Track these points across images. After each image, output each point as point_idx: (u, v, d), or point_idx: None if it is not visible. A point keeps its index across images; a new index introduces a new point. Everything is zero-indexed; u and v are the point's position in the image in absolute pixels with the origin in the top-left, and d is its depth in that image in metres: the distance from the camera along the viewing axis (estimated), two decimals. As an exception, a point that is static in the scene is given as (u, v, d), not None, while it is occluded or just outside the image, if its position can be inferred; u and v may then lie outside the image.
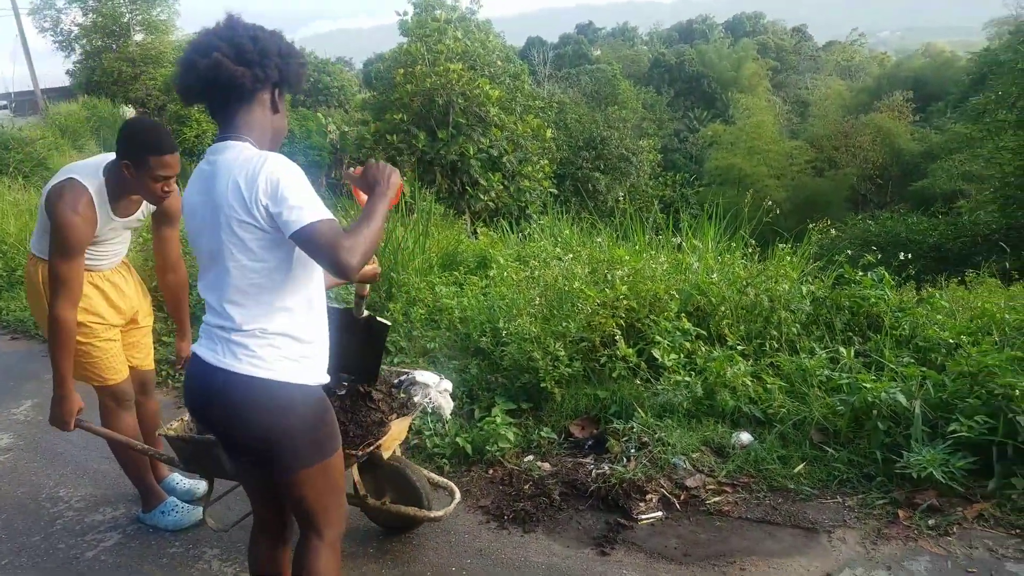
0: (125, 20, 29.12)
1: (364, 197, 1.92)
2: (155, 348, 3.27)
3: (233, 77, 1.73)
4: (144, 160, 2.52)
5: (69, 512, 3.27)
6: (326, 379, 1.92)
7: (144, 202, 2.84)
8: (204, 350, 1.83)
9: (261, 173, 1.67)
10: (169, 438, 2.62)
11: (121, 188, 2.67)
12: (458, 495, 2.84)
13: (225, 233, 1.73)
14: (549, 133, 17.71)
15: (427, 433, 3.70)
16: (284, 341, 1.80)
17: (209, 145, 1.88)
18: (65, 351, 2.58)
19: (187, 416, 2.79)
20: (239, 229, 1.71)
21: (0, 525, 3.20)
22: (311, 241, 1.63)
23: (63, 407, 2.62)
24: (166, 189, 2.63)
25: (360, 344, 2.75)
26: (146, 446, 2.92)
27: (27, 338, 6.26)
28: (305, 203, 1.65)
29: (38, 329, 6.11)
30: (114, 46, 29.03)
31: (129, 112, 25.71)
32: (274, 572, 2.13)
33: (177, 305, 3.16)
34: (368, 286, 2.63)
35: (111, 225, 2.74)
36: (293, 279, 1.80)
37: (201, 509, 3.01)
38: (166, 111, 26.01)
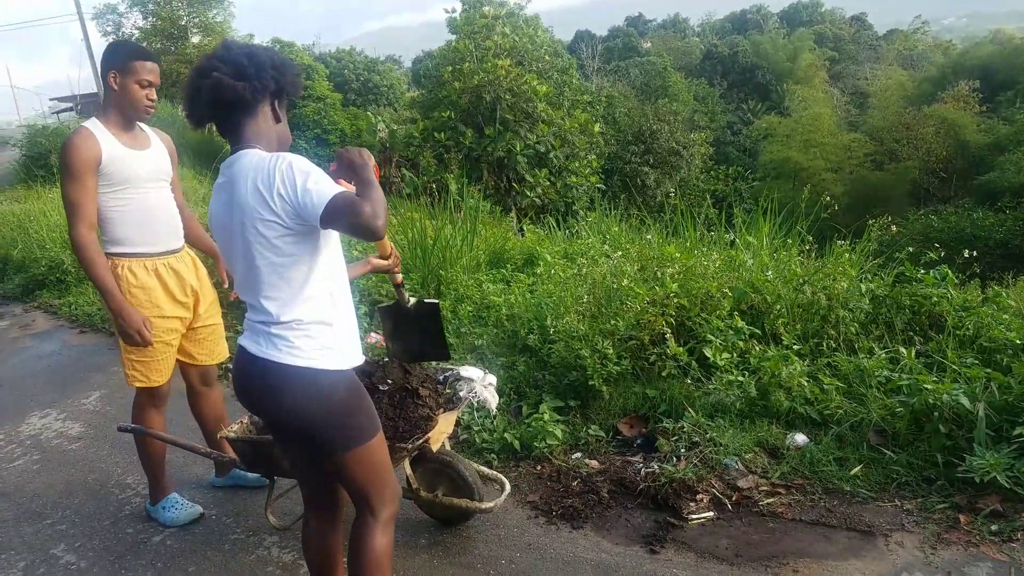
0: (183, 23, 30.00)
1: (349, 186, 2.02)
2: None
3: (234, 91, 1.87)
4: (129, 65, 2.76)
5: (136, 499, 3.41)
6: (358, 361, 2.03)
7: (161, 146, 3.00)
8: (249, 343, 1.97)
9: (276, 171, 1.79)
10: (230, 440, 2.71)
11: (111, 106, 2.82)
12: (508, 487, 2.87)
13: (251, 234, 1.84)
14: (597, 128, 17.60)
15: (476, 428, 3.74)
16: (318, 330, 1.92)
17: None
18: (100, 268, 2.76)
19: (247, 418, 2.89)
20: (263, 228, 1.82)
21: (73, 509, 3.35)
22: (336, 213, 1.73)
23: (128, 319, 2.78)
24: (150, 98, 2.82)
25: (420, 330, 2.88)
26: (210, 450, 3.02)
27: (94, 331, 6.53)
28: (319, 184, 1.77)
29: (104, 323, 6.37)
30: (173, 48, 29.92)
31: (187, 114, 26.47)
32: (326, 555, 2.22)
33: (198, 236, 3.31)
34: (400, 275, 2.72)
35: (126, 157, 2.82)
36: (318, 269, 1.91)
37: (198, 507, 3.21)
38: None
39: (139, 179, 2.86)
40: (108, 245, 2.88)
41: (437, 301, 2.95)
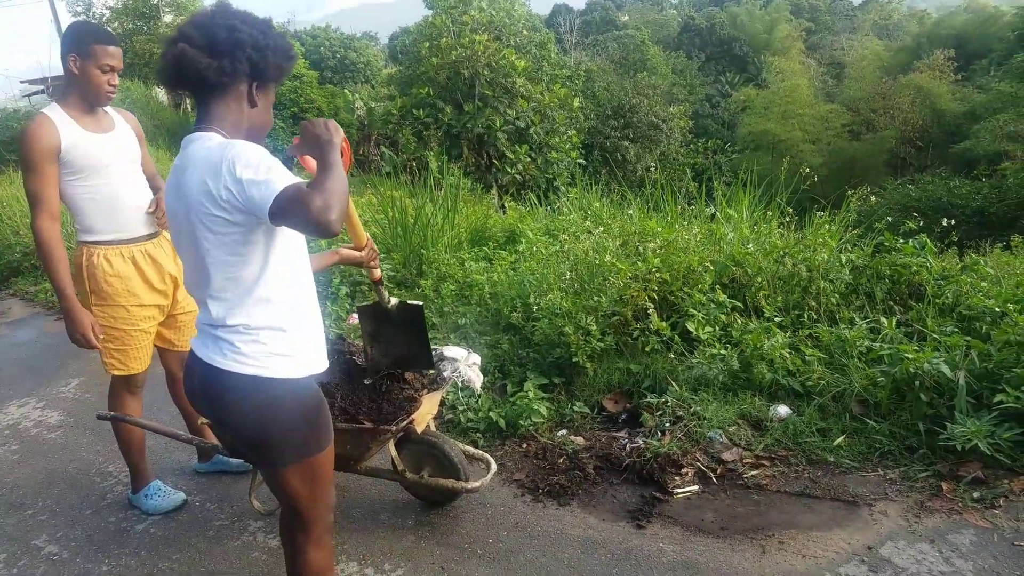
0: (155, 1, 29.28)
1: (313, 163, 1.87)
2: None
3: (198, 69, 1.68)
4: (89, 49, 2.65)
5: (118, 487, 3.37)
6: (319, 368, 1.87)
7: (126, 127, 2.91)
8: (197, 344, 1.83)
9: (223, 163, 1.61)
10: (211, 426, 2.67)
11: (71, 90, 2.73)
12: (494, 466, 2.86)
13: (198, 229, 1.68)
14: (576, 102, 17.50)
15: (461, 408, 3.73)
16: (269, 335, 1.76)
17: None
18: (59, 263, 2.67)
19: None
20: (212, 224, 1.66)
21: (54, 499, 3.30)
22: (283, 208, 1.54)
23: (76, 321, 2.71)
24: (112, 83, 2.72)
25: (403, 332, 2.75)
26: (191, 436, 2.98)
27: (70, 318, 6.41)
28: (268, 176, 1.57)
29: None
30: (145, 28, 29.22)
31: (162, 94, 25.95)
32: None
33: None
34: (378, 270, 2.58)
35: (88, 142, 2.72)
36: (272, 269, 1.75)
37: (181, 494, 3.16)
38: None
39: (104, 164, 2.76)
40: (81, 233, 2.81)
41: (421, 304, 2.78)
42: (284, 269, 1.78)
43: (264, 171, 1.58)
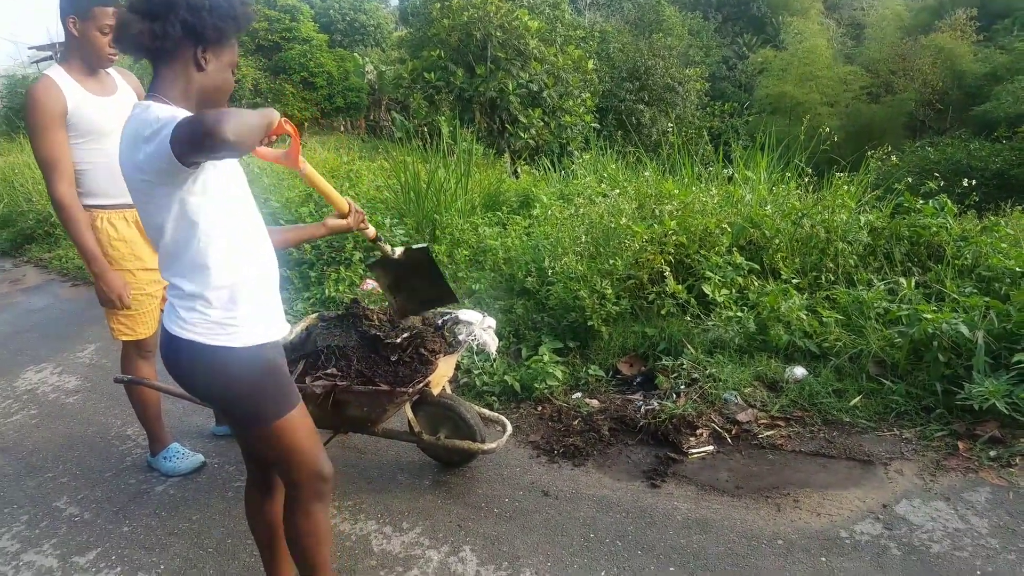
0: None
1: (265, 151, 1.94)
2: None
3: (133, 34, 1.63)
4: (88, 11, 2.61)
5: (137, 450, 3.42)
6: (267, 340, 1.82)
7: (129, 89, 2.88)
8: (165, 311, 1.84)
9: (138, 132, 1.59)
10: None
11: (72, 52, 2.71)
12: (510, 427, 2.88)
13: (139, 198, 1.69)
14: (591, 64, 17.21)
15: (476, 372, 3.74)
16: (204, 304, 1.73)
17: (250, 91, 1.80)
18: (82, 226, 2.68)
19: None
20: (145, 189, 1.65)
21: (75, 462, 3.36)
22: (181, 133, 1.47)
23: (109, 284, 2.72)
24: (112, 45, 2.66)
25: (418, 276, 2.78)
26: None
27: (87, 285, 6.48)
28: (166, 122, 1.52)
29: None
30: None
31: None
32: (265, 523, 2.12)
33: None
34: (372, 228, 2.53)
35: (92, 106, 2.71)
36: (204, 235, 1.69)
37: (200, 456, 3.20)
38: (206, 57, 25.98)
39: (108, 128, 2.73)
40: (84, 197, 2.78)
41: (425, 245, 2.82)
42: (219, 236, 1.71)
43: (163, 122, 1.53)
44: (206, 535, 2.71)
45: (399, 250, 2.72)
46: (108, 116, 2.74)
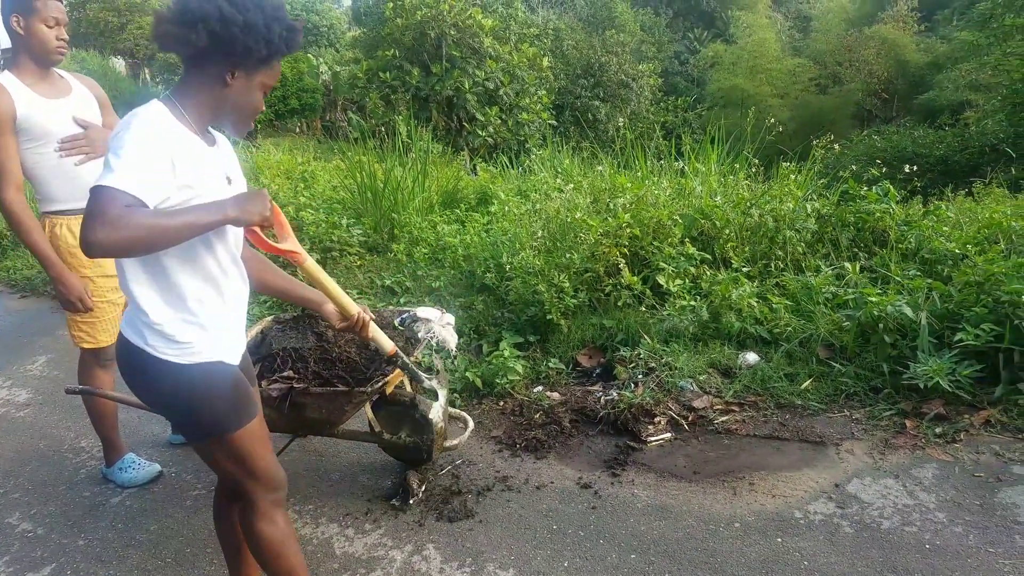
0: (108, -32, 28.19)
1: (256, 233, 1.80)
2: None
3: (163, 34, 1.59)
4: (31, 5, 2.55)
5: (91, 461, 3.35)
6: (218, 359, 1.77)
7: (84, 92, 2.80)
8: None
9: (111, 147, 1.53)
10: None
11: (20, 53, 2.63)
12: (471, 424, 2.89)
13: None
14: (546, 62, 17.29)
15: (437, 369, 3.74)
16: (152, 316, 1.69)
17: None
18: (34, 231, 2.61)
19: None
20: None
21: (26, 477, 3.27)
22: (89, 201, 1.42)
23: (68, 286, 2.66)
24: (60, 38, 2.62)
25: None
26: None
27: (36, 296, 6.31)
28: (113, 163, 1.46)
29: (46, 286, 6.15)
30: (100, -5, 28.18)
31: (119, 64, 25.17)
32: (234, 531, 2.09)
33: None
34: (387, 343, 2.34)
35: (43, 108, 2.63)
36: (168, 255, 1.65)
37: (156, 466, 3.15)
38: (155, 61, 25.45)
39: (61, 129, 2.67)
40: (43, 203, 2.73)
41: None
42: (167, 254, 1.65)
43: (115, 153, 1.48)
44: (164, 546, 2.67)
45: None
46: (59, 118, 2.67)
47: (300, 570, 1.98)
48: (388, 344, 2.33)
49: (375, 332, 2.25)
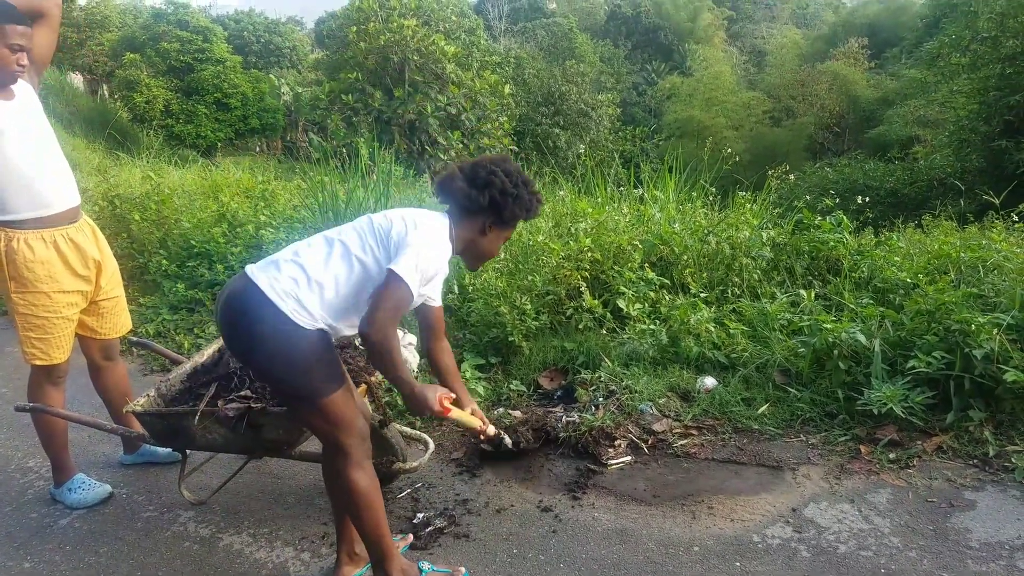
0: (65, -15, 27.72)
1: (449, 407, 2.13)
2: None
3: (454, 188, 2.14)
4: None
5: (39, 482, 3.22)
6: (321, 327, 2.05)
7: (26, 88, 2.70)
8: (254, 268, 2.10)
9: (407, 220, 2.09)
10: (138, 414, 2.58)
11: None
12: (432, 445, 2.86)
13: (348, 235, 2.12)
14: (507, 89, 17.48)
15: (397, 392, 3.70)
16: (303, 300, 2.01)
17: (160, 111, 1.87)
18: None
19: (154, 391, 2.75)
20: (356, 238, 2.10)
21: (-34, 500, 3.13)
22: (382, 286, 1.95)
23: None
24: (21, 63, 2.56)
25: None
26: (115, 426, 2.89)
27: (-22, 313, 6.07)
28: (412, 255, 1.97)
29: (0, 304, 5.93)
30: (56, 12, 27.65)
31: (77, 79, 24.67)
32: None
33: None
34: (488, 427, 2.53)
35: None
36: (339, 284, 2.06)
37: (107, 486, 3.06)
38: (114, 77, 25.02)
39: (11, 133, 2.58)
40: None
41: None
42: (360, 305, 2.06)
43: (414, 251, 1.97)
44: (115, 569, 2.57)
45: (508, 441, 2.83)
46: (10, 121, 2.58)
47: (385, 526, 2.16)
48: (492, 429, 2.54)
49: (492, 431, 2.56)
